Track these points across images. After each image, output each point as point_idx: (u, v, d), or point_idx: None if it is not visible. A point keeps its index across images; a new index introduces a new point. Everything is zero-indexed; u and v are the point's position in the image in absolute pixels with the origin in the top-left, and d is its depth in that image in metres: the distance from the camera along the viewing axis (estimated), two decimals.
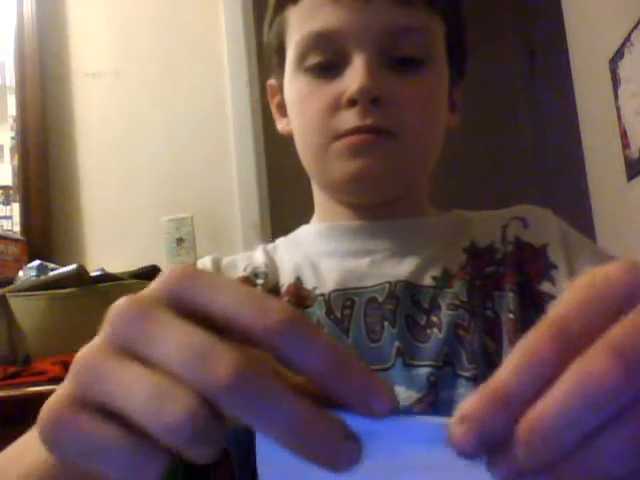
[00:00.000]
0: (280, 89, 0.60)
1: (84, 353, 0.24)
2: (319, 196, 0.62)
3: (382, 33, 0.52)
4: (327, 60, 0.53)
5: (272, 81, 0.63)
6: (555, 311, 0.22)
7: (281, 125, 0.62)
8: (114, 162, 1.77)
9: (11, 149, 1.76)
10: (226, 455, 0.50)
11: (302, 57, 0.54)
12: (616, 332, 0.21)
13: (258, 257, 0.60)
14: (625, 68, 1.58)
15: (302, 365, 0.22)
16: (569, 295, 0.23)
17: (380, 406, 0.22)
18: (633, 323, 0.21)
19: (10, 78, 1.79)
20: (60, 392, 0.24)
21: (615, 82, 1.64)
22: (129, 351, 0.23)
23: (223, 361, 0.21)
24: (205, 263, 0.60)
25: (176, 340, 0.22)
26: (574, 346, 0.21)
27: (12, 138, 1.76)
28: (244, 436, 0.44)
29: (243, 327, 0.23)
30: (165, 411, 0.21)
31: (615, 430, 0.20)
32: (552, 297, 0.52)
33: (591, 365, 0.20)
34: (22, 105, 1.75)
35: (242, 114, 1.77)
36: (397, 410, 0.23)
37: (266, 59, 0.62)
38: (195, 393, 0.21)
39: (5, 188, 1.75)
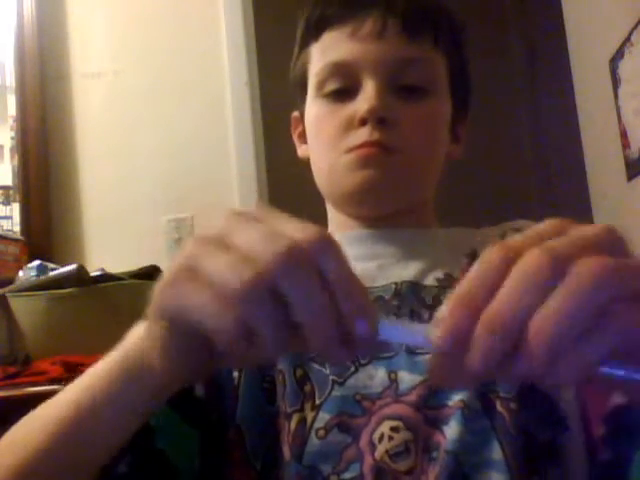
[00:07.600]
0: (302, 119, 0.67)
1: (190, 242, 0.32)
2: (332, 212, 0.67)
3: (391, 63, 0.58)
4: (342, 87, 0.60)
5: (296, 113, 0.70)
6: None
7: (301, 151, 0.69)
8: (114, 162, 1.77)
9: (11, 149, 1.76)
10: (240, 437, 0.52)
11: (321, 84, 0.61)
12: (545, 243, 0.28)
13: None
14: (625, 68, 1.58)
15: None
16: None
17: (360, 330, 0.29)
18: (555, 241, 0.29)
19: (10, 78, 1.79)
20: (173, 264, 0.32)
21: (615, 82, 1.64)
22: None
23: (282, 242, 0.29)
24: None
25: (248, 237, 0.31)
26: (515, 256, 0.28)
27: (12, 138, 1.76)
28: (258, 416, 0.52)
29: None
30: (235, 273, 0.29)
31: (549, 305, 0.26)
32: None
33: (526, 261, 0.27)
34: (22, 105, 1.75)
35: (242, 114, 1.77)
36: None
37: (291, 92, 0.69)
38: (257, 273, 0.29)
39: (5, 188, 1.75)
